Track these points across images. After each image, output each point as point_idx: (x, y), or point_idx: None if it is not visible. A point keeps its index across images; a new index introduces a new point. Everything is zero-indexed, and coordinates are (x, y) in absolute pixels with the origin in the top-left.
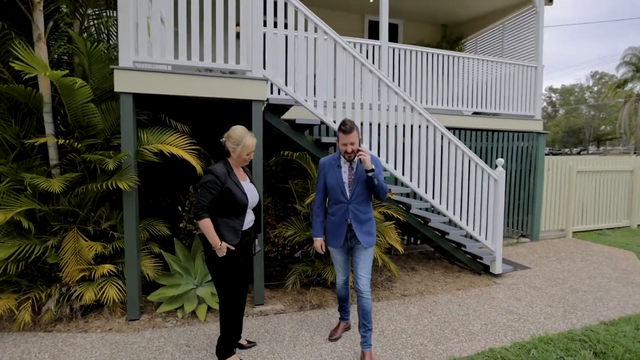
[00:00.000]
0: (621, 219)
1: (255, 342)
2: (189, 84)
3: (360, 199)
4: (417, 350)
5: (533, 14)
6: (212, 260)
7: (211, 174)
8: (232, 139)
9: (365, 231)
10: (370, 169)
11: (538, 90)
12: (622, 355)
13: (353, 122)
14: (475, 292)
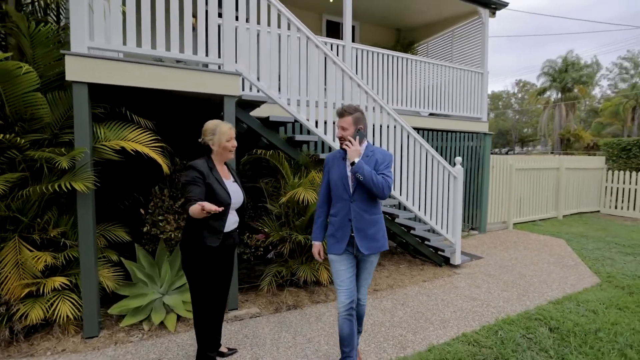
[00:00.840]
0: (550, 211)
1: (236, 349)
2: (155, 76)
3: (365, 196)
4: (398, 341)
5: (479, 24)
6: (190, 265)
7: (192, 169)
8: (207, 132)
9: (370, 236)
10: (350, 162)
11: (484, 95)
12: (572, 328)
13: (350, 106)
14: (440, 282)
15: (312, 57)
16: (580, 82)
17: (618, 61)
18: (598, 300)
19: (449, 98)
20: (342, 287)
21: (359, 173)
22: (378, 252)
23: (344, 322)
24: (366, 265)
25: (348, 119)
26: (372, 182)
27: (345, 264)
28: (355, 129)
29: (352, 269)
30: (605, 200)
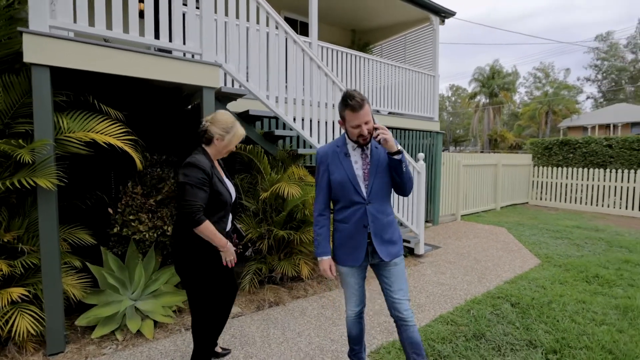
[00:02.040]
0: (490, 203)
1: (229, 349)
2: (129, 62)
3: (381, 196)
4: (384, 327)
5: (430, 30)
6: (193, 268)
7: (196, 167)
8: (220, 124)
9: (387, 239)
10: (395, 151)
11: (436, 96)
12: (530, 302)
13: (362, 94)
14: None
15: (290, 53)
16: (505, 88)
17: (533, 71)
18: (543, 277)
19: (405, 98)
20: (352, 298)
21: (404, 164)
22: (400, 256)
23: (353, 324)
24: (396, 272)
25: (368, 108)
26: (409, 175)
27: (356, 276)
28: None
29: (363, 280)
30: (533, 193)
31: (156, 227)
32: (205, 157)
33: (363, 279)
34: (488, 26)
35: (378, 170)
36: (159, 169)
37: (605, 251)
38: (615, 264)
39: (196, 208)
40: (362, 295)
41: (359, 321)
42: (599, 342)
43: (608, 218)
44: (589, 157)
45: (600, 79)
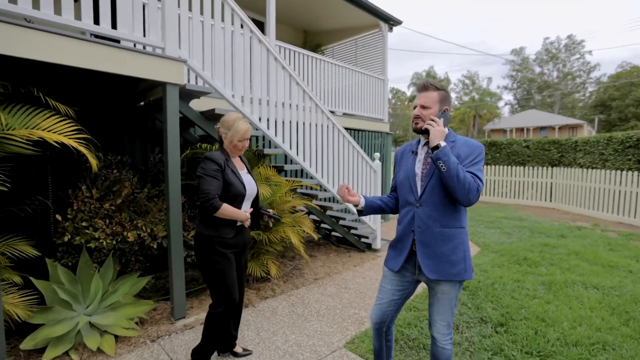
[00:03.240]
0: None
1: (251, 351)
2: (81, 53)
3: (439, 199)
4: (355, 318)
5: (380, 36)
6: (206, 258)
7: (209, 160)
8: (224, 124)
9: (440, 255)
10: (435, 146)
11: (385, 99)
12: (477, 284)
13: (435, 81)
14: (369, 265)
15: (255, 52)
16: None
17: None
18: (485, 263)
19: (357, 100)
20: (376, 303)
21: (441, 161)
22: (454, 281)
23: (374, 334)
24: (438, 296)
25: (433, 95)
26: (457, 178)
27: (394, 284)
28: (440, 109)
29: (399, 293)
30: None
31: (115, 233)
32: (221, 153)
33: (400, 294)
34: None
35: (436, 172)
36: (115, 170)
37: (529, 237)
38: (538, 247)
39: (211, 195)
40: (388, 309)
41: (378, 337)
42: (534, 313)
43: (528, 209)
44: (512, 157)
45: (515, 88)
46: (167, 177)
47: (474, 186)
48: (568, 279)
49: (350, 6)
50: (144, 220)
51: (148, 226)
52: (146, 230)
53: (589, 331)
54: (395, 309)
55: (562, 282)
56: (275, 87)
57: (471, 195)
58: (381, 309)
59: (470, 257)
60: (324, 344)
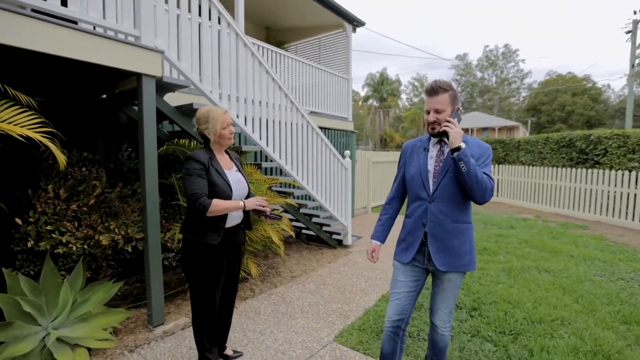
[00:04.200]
0: None
1: (241, 352)
2: (48, 36)
3: (449, 196)
4: (339, 313)
5: (344, 37)
6: (190, 263)
7: (192, 159)
8: (200, 120)
9: (451, 248)
10: (455, 147)
11: (349, 98)
12: None
13: (444, 82)
14: (342, 261)
15: (225, 44)
16: (392, 94)
17: (412, 80)
18: None
19: (323, 99)
20: (393, 299)
21: (463, 162)
22: (460, 272)
23: (386, 338)
24: (444, 285)
25: (444, 97)
26: (476, 178)
27: (407, 275)
28: (453, 109)
29: (414, 284)
30: None
31: (87, 237)
32: (205, 151)
33: (415, 284)
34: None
35: (451, 169)
36: (84, 168)
37: (484, 229)
38: (493, 238)
39: (198, 195)
40: (406, 301)
41: (394, 338)
42: (501, 297)
43: None
44: None
45: (460, 91)
46: (143, 176)
47: (490, 186)
48: (524, 265)
49: (316, 5)
50: (117, 222)
51: (121, 228)
52: (120, 232)
53: (548, 309)
54: (412, 302)
55: (519, 268)
56: (252, 85)
57: (487, 195)
58: (399, 304)
59: (475, 250)
60: (314, 339)
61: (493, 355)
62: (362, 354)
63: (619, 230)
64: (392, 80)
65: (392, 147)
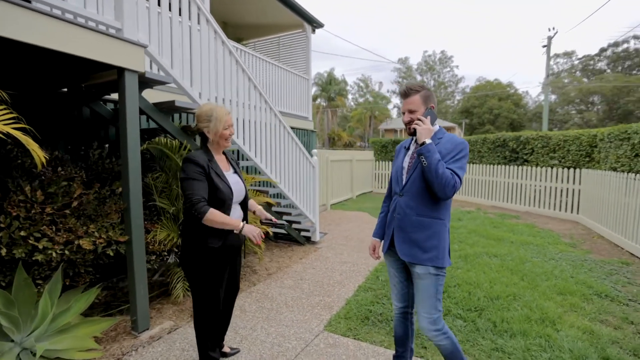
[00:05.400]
0: (348, 193)
1: (238, 349)
2: (20, 23)
3: (418, 191)
4: (323, 304)
5: (303, 37)
6: (191, 267)
7: (189, 162)
8: (201, 118)
9: (414, 240)
10: (421, 143)
11: (309, 98)
12: None
13: (414, 84)
14: (313, 257)
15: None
16: (340, 94)
17: (357, 81)
18: None
19: (284, 97)
20: (392, 291)
21: (424, 156)
22: (427, 266)
23: (397, 323)
24: (416, 282)
25: (415, 99)
26: (435, 173)
27: (393, 266)
28: (426, 108)
29: (402, 274)
30: (376, 183)
31: (68, 242)
32: (203, 152)
33: (401, 274)
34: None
35: (420, 166)
36: (59, 167)
37: None
38: None
39: (196, 199)
40: (403, 291)
41: (403, 321)
42: (462, 279)
43: None
44: None
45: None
46: (126, 176)
47: (451, 182)
48: (476, 252)
49: (277, 4)
50: (96, 225)
51: (102, 231)
52: (101, 235)
53: (502, 287)
54: (408, 290)
55: (473, 255)
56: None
57: (447, 190)
58: (398, 293)
59: (445, 247)
60: (305, 330)
61: (465, 329)
62: (353, 339)
63: (544, 219)
64: (339, 80)
65: (340, 146)
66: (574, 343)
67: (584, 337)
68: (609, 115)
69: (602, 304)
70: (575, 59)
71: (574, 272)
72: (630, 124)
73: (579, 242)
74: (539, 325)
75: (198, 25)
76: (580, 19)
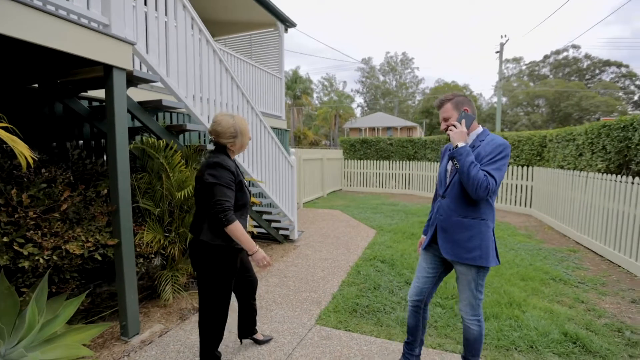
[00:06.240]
0: (319, 191)
1: (272, 337)
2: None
3: (456, 193)
4: (311, 300)
5: (276, 35)
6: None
7: (222, 168)
8: (225, 135)
9: (456, 240)
10: (453, 146)
11: (283, 97)
12: (390, 256)
13: (447, 94)
14: (294, 255)
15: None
16: (305, 92)
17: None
18: (387, 240)
19: (258, 96)
20: (415, 281)
21: (456, 159)
22: (468, 265)
23: (410, 314)
24: (458, 277)
25: (447, 107)
26: (467, 175)
27: (428, 262)
28: (459, 113)
29: (433, 271)
30: (345, 181)
31: (56, 247)
32: (228, 158)
33: (434, 271)
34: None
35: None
36: (43, 169)
37: (406, 218)
38: (417, 225)
39: (227, 207)
40: (424, 285)
41: (415, 314)
42: None
43: (395, 196)
44: (380, 152)
45: (365, 92)
46: (115, 177)
47: (483, 184)
48: None
49: (250, 1)
50: (82, 228)
51: (89, 235)
52: (89, 239)
53: None
54: (430, 286)
55: None
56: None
57: (479, 192)
58: (418, 287)
59: (489, 247)
60: (298, 325)
61: (445, 315)
62: (345, 331)
63: (501, 213)
64: (304, 79)
65: (306, 145)
66: (538, 322)
67: (546, 316)
68: (552, 117)
69: (557, 287)
70: (523, 64)
71: (532, 260)
72: (576, 127)
73: (533, 233)
74: (507, 308)
75: (175, 21)
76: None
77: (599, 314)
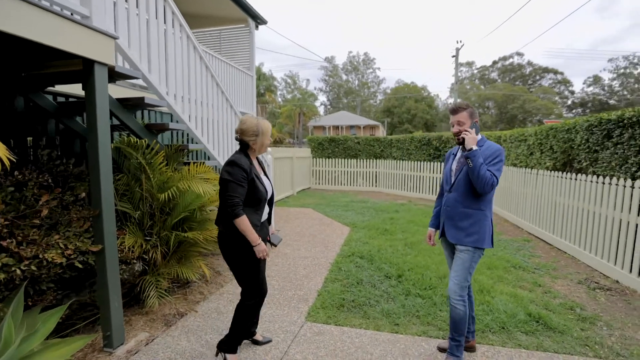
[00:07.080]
0: (289, 190)
1: (271, 339)
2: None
3: (465, 189)
4: (298, 297)
5: (247, 32)
6: (239, 257)
7: (236, 166)
8: (248, 133)
9: (460, 227)
10: (469, 149)
11: (254, 94)
12: (368, 252)
13: (462, 102)
14: (272, 254)
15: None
16: (269, 90)
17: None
18: (362, 237)
19: (231, 94)
20: (450, 274)
21: (470, 159)
22: (468, 247)
23: (452, 308)
24: (456, 255)
25: (463, 114)
26: (478, 173)
27: (447, 250)
28: (472, 122)
29: (452, 257)
30: (313, 179)
31: (35, 256)
32: (245, 157)
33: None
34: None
35: (465, 168)
36: (16, 171)
37: (377, 214)
38: (388, 221)
39: (236, 202)
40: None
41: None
42: (413, 264)
43: (363, 194)
44: (347, 151)
45: (328, 91)
46: (97, 178)
47: (490, 181)
48: (418, 239)
49: None
50: (60, 235)
51: (68, 242)
52: (68, 247)
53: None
54: None
55: (416, 242)
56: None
57: (486, 187)
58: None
59: (486, 232)
60: (289, 323)
61: (425, 305)
62: (335, 326)
63: None
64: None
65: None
66: (506, 305)
67: (511, 300)
68: (500, 118)
69: (518, 273)
70: (474, 68)
71: (494, 251)
72: (527, 128)
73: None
74: (479, 295)
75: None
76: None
77: (554, 295)
